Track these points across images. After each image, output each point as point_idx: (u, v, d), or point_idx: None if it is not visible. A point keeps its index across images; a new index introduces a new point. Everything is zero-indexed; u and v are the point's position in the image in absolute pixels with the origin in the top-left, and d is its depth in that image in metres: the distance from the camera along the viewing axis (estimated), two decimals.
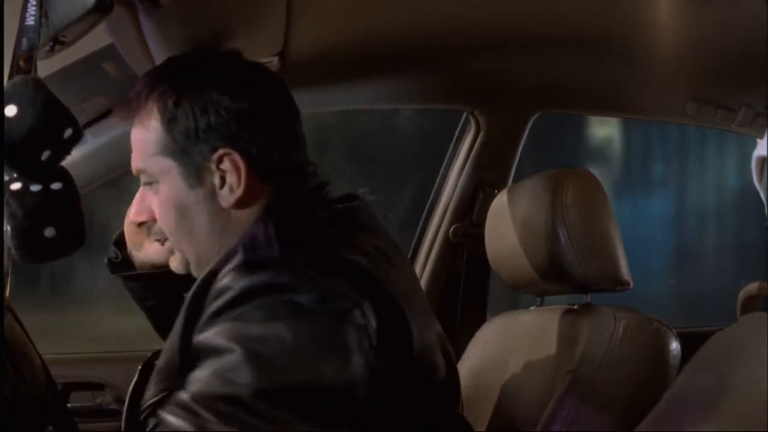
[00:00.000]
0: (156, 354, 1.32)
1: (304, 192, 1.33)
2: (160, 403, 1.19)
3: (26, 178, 1.08)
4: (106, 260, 1.56)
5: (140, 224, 1.41)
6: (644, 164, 5.38)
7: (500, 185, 2.15)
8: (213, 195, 1.31)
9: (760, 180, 1.13)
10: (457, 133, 2.22)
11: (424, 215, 2.30)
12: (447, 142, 2.27)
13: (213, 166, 1.30)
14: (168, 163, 1.31)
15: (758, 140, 1.17)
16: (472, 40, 1.69)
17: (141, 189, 1.39)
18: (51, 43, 1.22)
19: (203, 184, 1.31)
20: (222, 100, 1.29)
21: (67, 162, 1.14)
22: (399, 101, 1.99)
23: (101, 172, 1.92)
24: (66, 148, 1.10)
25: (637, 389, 1.37)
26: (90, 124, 1.84)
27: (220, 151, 1.29)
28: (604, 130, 5.06)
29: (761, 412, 1.06)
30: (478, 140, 2.14)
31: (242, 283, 1.18)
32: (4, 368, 1.19)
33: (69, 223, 1.10)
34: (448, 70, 1.80)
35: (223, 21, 1.39)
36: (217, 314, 1.18)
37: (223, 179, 1.30)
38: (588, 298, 1.55)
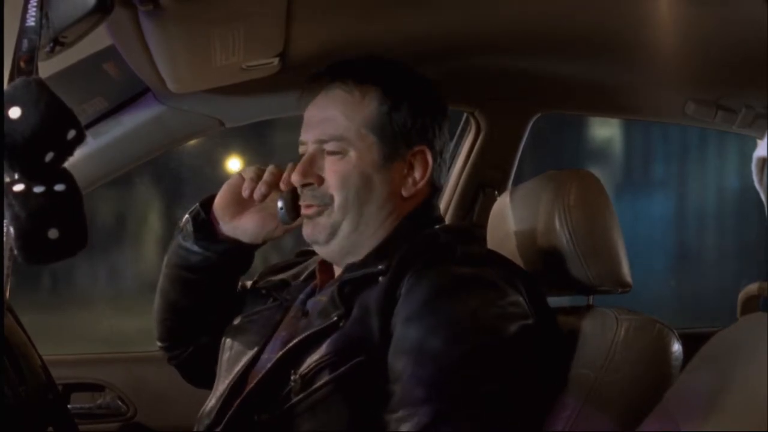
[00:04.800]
0: None
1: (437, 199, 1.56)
2: (333, 364, 1.31)
3: (30, 179, 1.08)
4: (186, 217, 1.61)
5: (303, 186, 1.50)
6: (645, 164, 5.38)
7: (501, 186, 2.15)
8: (397, 180, 1.48)
9: (761, 180, 1.13)
10: (457, 133, 2.22)
11: None
12: None
13: (407, 156, 1.49)
14: (372, 139, 1.47)
15: (758, 141, 1.18)
16: (472, 40, 1.69)
17: (305, 156, 1.49)
18: (51, 44, 1.21)
19: (393, 168, 1.48)
20: (437, 111, 1.53)
21: (68, 163, 1.13)
22: None
23: (101, 173, 1.91)
24: (69, 149, 1.09)
25: (639, 391, 1.36)
26: (91, 125, 1.84)
27: (420, 146, 1.50)
28: (605, 130, 5.06)
29: (761, 412, 1.06)
30: (479, 141, 2.13)
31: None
32: (4, 368, 1.19)
33: (72, 224, 1.10)
34: (448, 71, 1.80)
35: (223, 21, 1.39)
36: (431, 302, 1.32)
37: (409, 171, 1.49)
38: (590, 299, 1.55)
